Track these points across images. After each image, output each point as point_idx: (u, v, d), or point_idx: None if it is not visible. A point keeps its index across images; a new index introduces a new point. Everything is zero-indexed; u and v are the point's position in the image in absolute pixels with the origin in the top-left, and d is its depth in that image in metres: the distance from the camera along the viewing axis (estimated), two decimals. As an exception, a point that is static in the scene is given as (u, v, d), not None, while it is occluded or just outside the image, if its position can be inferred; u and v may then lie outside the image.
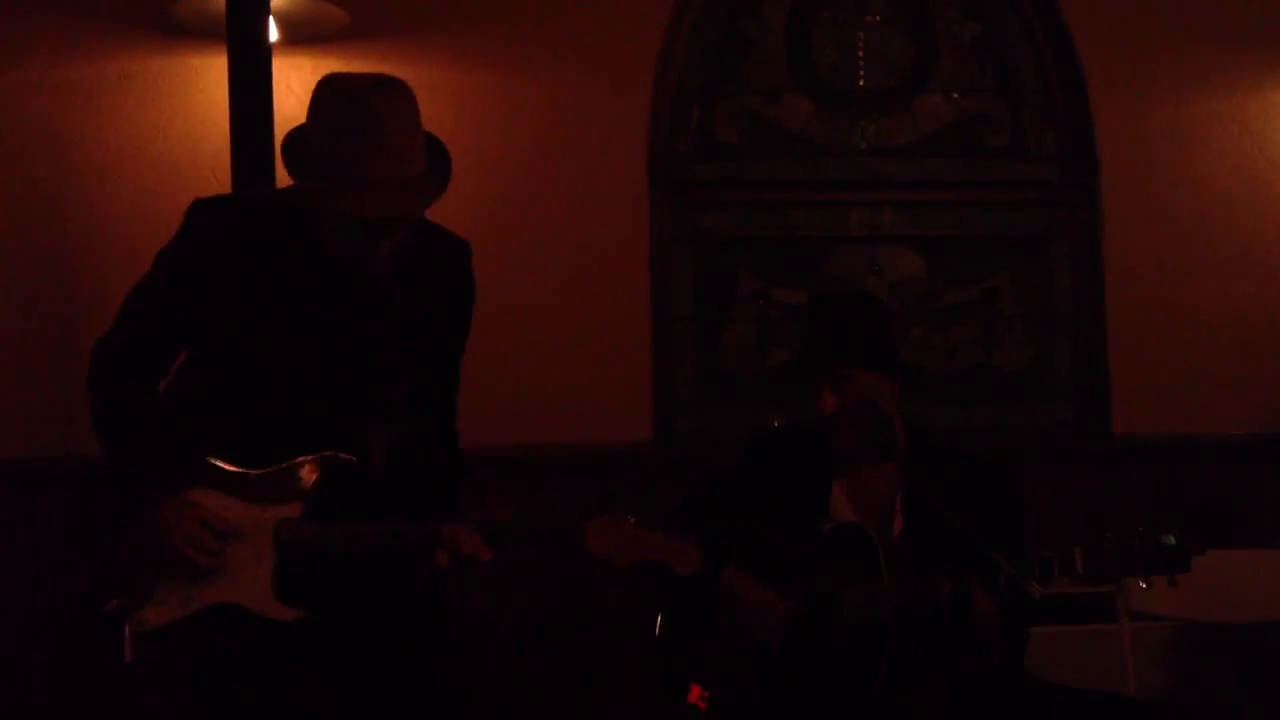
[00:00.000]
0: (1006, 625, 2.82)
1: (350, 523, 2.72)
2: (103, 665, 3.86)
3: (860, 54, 4.67)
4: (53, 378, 4.08)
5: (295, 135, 2.74)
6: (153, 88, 4.21)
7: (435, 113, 2.95)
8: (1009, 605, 2.78)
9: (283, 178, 3.04)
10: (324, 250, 2.72)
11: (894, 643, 2.84)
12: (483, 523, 2.72)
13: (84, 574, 3.92)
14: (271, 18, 3.93)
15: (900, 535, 2.98)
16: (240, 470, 2.73)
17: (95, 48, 4.19)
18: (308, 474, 2.73)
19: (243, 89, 3.83)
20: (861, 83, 4.67)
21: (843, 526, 2.99)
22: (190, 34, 4.13)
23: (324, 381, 2.76)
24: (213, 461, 2.73)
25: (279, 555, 2.70)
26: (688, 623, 3.05)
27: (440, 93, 4.16)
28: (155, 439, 2.74)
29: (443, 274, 2.89)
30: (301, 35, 4.13)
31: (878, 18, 4.68)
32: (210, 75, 4.15)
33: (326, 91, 2.68)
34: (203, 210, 2.81)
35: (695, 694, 2.97)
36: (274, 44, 3.94)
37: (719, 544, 3.02)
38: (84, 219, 4.16)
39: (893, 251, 4.65)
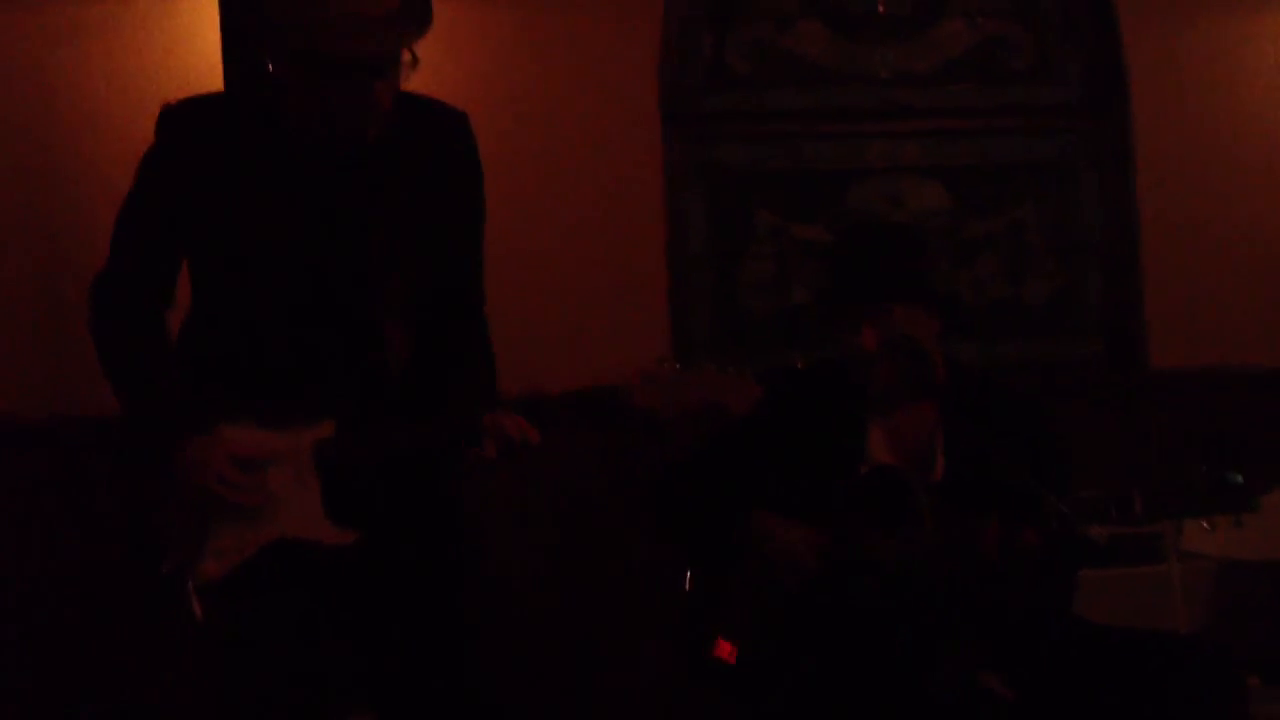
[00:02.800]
0: (1055, 565, 2.71)
1: (388, 429, 2.58)
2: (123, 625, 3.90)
3: (878, -24, 4.53)
4: (39, 330, 3.96)
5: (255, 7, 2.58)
6: (141, 28, 4.07)
7: (436, 46, 2.79)
8: (1058, 545, 2.67)
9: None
10: (295, 131, 2.55)
11: (935, 587, 2.74)
12: (525, 401, 2.59)
13: (87, 535, 3.89)
14: (262, -49, 3.78)
15: (942, 477, 2.86)
16: (265, 398, 2.59)
17: (80, -12, 4.06)
18: (332, 386, 2.59)
19: (234, 28, 3.71)
20: (880, 8, 4.51)
21: (881, 470, 2.87)
22: (179, -28, 4.00)
23: (325, 280, 2.60)
24: (235, 394, 2.59)
25: (324, 478, 2.58)
26: (718, 576, 2.94)
27: (440, 25, 3.98)
28: (170, 376, 2.60)
29: (438, 148, 2.69)
30: (295, -31, 3.98)
31: (895, -63, 4.53)
32: (202, 14, 3.99)
33: None
34: (173, 116, 2.67)
35: (725, 649, 2.86)
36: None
37: (746, 490, 2.92)
38: (73, 166, 4.03)
39: (915, 183, 4.51)
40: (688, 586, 2.97)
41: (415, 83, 2.71)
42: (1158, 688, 2.72)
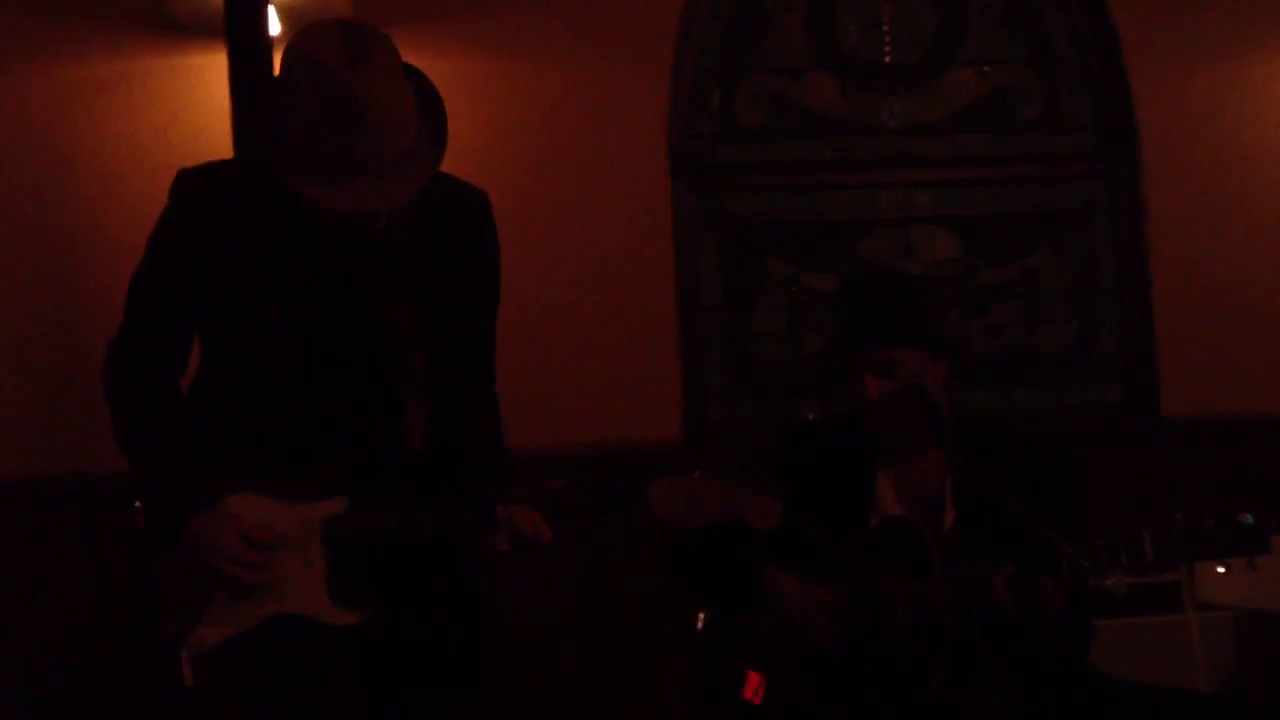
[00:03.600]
0: (1069, 613, 2.65)
1: (399, 511, 2.55)
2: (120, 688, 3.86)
3: (886, 27, 4.51)
4: (55, 389, 3.96)
5: (262, 105, 2.56)
6: (152, 88, 4.10)
7: (447, 100, 2.79)
8: (1072, 593, 2.62)
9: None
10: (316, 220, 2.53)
11: (949, 639, 2.69)
12: (538, 496, 2.54)
13: (99, 594, 3.87)
14: (272, 10, 3.80)
15: (952, 526, 2.83)
16: (276, 469, 2.56)
17: (93, 48, 4.08)
18: (346, 462, 2.56)
19: (244, 86, 3.68)
20: (888, 58, 4.51)
21: (891, 521, 2.85)
22: (189, 31, 4.01)
23: (344, 356, 2.57)
24: (246, 463, 2.56)
25: (330, 557, 2.54)
26: (732, 621, 2.91)
27: (449, 84, 3.86)
28: (182, 447, 2.57)
29: (457, 227, 2.67)
30: (304, 27, 4.00)
31: (903, -12, 4.54)
32: (211, 73, 4.01)
33: (294, 68, 2.43)
34: (190, 179, 2.62)
35: (753, 685, 2.80)
36: (275, 38, 3.79)
37: (760, 544, 2.87)
38: (87, 224, 4.05)
39: (927, 232, 4.50)
40: (699, 627, 2.93)
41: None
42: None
